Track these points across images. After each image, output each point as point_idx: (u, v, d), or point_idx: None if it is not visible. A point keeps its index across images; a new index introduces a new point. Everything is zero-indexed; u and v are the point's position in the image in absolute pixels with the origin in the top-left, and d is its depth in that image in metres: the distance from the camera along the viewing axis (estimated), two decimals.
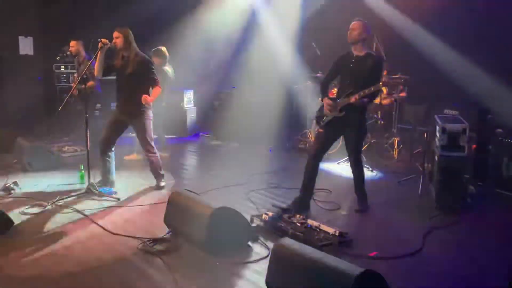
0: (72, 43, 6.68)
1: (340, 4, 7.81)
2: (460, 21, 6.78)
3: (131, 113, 5.02)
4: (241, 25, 8.88)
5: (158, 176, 5.31)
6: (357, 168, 4.68)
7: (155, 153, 5.22)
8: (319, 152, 4.66)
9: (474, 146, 5.66)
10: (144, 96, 4.90)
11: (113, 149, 5.17)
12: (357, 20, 4.45)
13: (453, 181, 4.69)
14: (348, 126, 4.55)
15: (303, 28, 8.36)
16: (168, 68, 6.82)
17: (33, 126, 7.50)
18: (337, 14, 7.71)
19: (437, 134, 4.95)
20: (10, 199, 4.81)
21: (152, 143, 5.18)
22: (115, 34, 4.92)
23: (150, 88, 5.08)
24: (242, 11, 8.86)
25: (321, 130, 4.71)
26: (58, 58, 7.87)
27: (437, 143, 4.91)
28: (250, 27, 8.87)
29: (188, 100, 8.74)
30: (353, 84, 4.43)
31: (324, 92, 4.69)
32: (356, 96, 4.35)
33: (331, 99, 4.61)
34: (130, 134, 6.09)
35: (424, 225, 4.27)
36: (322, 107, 4.68)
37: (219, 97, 8.69)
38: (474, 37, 6.68)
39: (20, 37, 7.71)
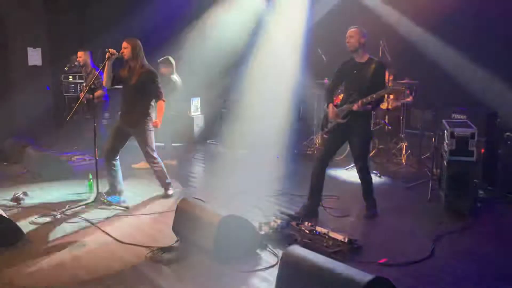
0: (80, 53, 6.75)
1: (346, 10, 7.83)
2: (467, 24, 6.76)
3: (132, 124, 5.04)
4: (248, 32, 8.92)
5: (164, 185, 5.32)
6: (364, 175, 4.66)
7: (158, 163, 5.22)
8: (325, 158, 4.65)
9: (482, 150, 5.61)
10: (154, 122, 5.05)
11: (117, 158, 5.18)
12: (352, 28, 4.47)
13: (462, 186, 4.66)
14: (352, 132, 4.55)
15: (309, 35, 8.37)
16: (176, 77, 6.88)
17: (42, 136, 7.56)
18: (343, 21, 7.70)
19: (446, 139, 4.92)
20: (20, 209, 4.84)
21: (154, 154, 5.17)
22: (124, 44, 4.96)
23: (153, 101, 5.12)
24: (248, 18, 8.90)
25: (325, 136, 4.72)
26: (66, 68, 7.96)
27: (446, 148, 4.88)
28: (256, 34, 8.91)
29: (195, 107, 8.78)
30: (357, 90, 4.44)
31: (329, 98, 4.71)
32: (359, 103, 4.36)
33: (336, 105, 4.62)
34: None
35: (434, 230, 4.23)
36: (327, 114, 4.69)
37: (226, 104, 8.71)
38: (482, 41, 6.66)
39: (29, 49, 7.81)
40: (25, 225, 4.30)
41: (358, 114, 4.44)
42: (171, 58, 6.87)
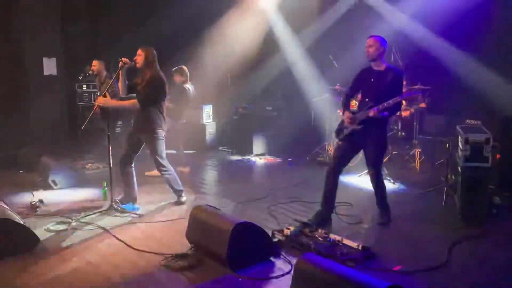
0: (94, 62, 6.85)
1: (357, 16, 7.83)
2: (480, 29, 6.71)
3: (141, 131, 5.07)
4: (259, 39, 8.97)
5: (177, 192, 5.34)
6: (377, 183, 4.64)
7: (168, 170, 5.22)
8: (339, 165, 4.64)
9: (498, 156, 5.54)
10: (98, 99, 5.05)
11: (132, 165, 5.23)
12: (371, 37, 4.49)
13: (477, 192, 4.60)
14: (368, 140, 4.54)
15: (321, 41, 8.39)
16: (189, 86, 6.94)
17: (57, 145, 7.66)
18: (354, 27, 7.74)
19: (460, 145, 4.87)
20: (36, 217, 4.91)
21: (164, 161, 5.16)
22: (139, 51, 4.99)
23: (162, 104, 5.08)
24: (259, 25, 8.96)
25: (340, 142, 4.71)
26: (80, 77, 8.07)
27: (460, 154, 4.84)
28: (267, 40, 8.96)
29: (207, 115, 8.83)
30: (374, 98, 4.44)
31: (345, 105, 4.72)
32: (375, 109, 4.35)
33: (352, 112, 4.62)
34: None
35: (449, 237, 4.18)
36: (343, 121, 4.69)
37: (238, 112, 8.75)
38: (495, 46, 6.59)
39: (44, 58, 7.95)
40: (41, 232, 4.35)
41: (374, 121, 4.43)
42: (185, 68, 6.95)
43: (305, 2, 8.42)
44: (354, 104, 7.09)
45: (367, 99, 4.53)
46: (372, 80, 4.51)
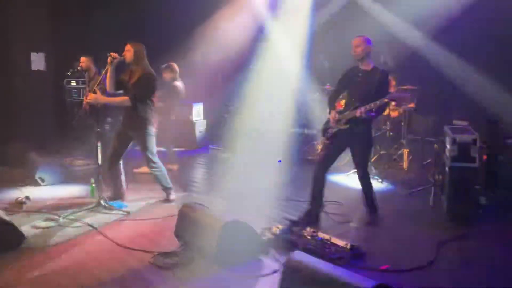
0: (83, 58, 6.77)
1: (348, 16, 7.86)
2: (469, 30, 6.78)
3: (131, 127, 5.03)
4: (250, 38, 8.95)
5: (166, 189, 5.32)
6: (365, 182, 4.67)
7: (158, 167, 5.20)
8: (326, 163, 4.66)
9: (484, 156, 5.61)
10: (88, 95, 4.97)
11: (121, 162, 5.20)
12: (357, 37, 4.49)
13: (464, 192, 4.65)
14: (354, 139, 4.57)
15: (312, 41, 8.40)
16: (179, 83, 6.90)
17: (44, 141, 7.57)
18: (345, 27, 7.76)
19: (447, 145, 4.92)
20: (22, 213, 4.85)
21: (154, 158, 5.14)
22: (127, 47, 4.95)
23: (151, 103, 5.06)
24: (250, 24, 8.94)
25: (327, 141, 4.72)
26: (69, 73, 7.97)
27: (448, 154, 4.88)
28: (258, 39, 8.94)
29: (197, 113, 8.80)
30: (361, 98, 4.45)
31: (331, 105, 4.73)
32: (362, 109, 4.37)
33: (338, 111, 4.64)
34: (137, 148, 6.14)
35: (436, 237, 4.22)
36: (328, 120, 4.70)
37: (228, 110, 8.73)
38: (482, 47, 6.68)
39: (32, 53, 7.85)
40: (27, 229, 4.30)
41: (360, 121, 4.45)
42: (175, 65, 6.91)
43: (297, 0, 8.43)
44: (343, 103, 7.13)
45: (353, 99, 4.55)
46: (358, 79, 4.53)
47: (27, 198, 5.20)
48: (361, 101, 4.44)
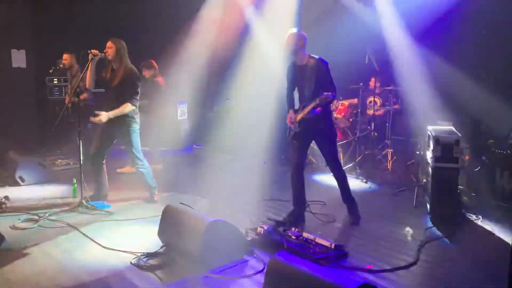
0: (65, 56, 6.67)
1: (334, 17, 7.87)
2: (452, 32, 6.86)
3: (115, 125, 4.97)
4: (235, 37, 8.92)
5: (150, 189, 5.27)
6: (338, 174, 4.69)
7: (144, 165, 5.16)
8: (298, 163, 4.63)
9: (467, 157, 5.68)
10: (98, 114, 4.87)
11: (103, 161, 5.13)
12: (290, 31, 4.47)
13: (447, 192, 4.71)
14: (315, 135, 4.59)
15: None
16: (160, 80, 6.86)
17: (25, 139, 7.44)
18: (331, 27, 7.77)
19: (431, 145, 4.97)
20: (1, 214, 4.74)
21: (140, 155, 5.11)
22: (109, 44, 4.89)
23: (136, 102, 5.01)
24: (236, 22, 8.90)
25: (294, 141, 4.69)
26: (51, 71, 7.84)
27: (431, 154, 4.93)
28: (244, 39, 8.91)
29: (182, 112, 8.74)
30: (309, 93, 4.41)
31: (289, 105, 4.71)
32: (301, 114, 4.39)
33: (294, 111, 4.62)
34: (122, 147, 6.06)
35: (420, 236, 4.26)
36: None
37: (212, 110, 8.69)
38: (466, 49, 6.75)
39: (12, 50, 7.70)
40: (6, 230, 4.21)
41: (313, 118, 4.41)
42: (153, 61, 6.89)
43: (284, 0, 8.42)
44: (347, 104, 7.16)
45: (301, 98, 4.53)
46: (296, 76, 4.53)
47: (6, 198, 5.08)
48: (309, 95, 4.39)
